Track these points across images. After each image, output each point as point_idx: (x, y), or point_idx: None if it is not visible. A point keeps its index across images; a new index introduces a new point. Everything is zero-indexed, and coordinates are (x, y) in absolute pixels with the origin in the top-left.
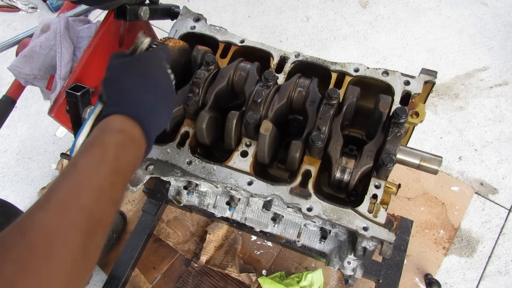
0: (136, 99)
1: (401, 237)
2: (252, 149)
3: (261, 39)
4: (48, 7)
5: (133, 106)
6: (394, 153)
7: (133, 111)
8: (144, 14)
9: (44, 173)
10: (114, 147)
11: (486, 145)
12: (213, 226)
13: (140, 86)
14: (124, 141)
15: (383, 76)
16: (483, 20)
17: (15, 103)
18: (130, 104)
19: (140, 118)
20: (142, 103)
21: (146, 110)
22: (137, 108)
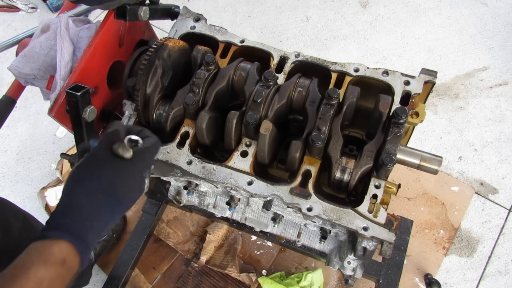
0: (89, 226)
1: (401, 237)
2: (252, 149)
3: (261, 39)
4: (48, 7)
5: (83, 234)
6: (394, 153)
7: (81, 241)
8: (144, 14)
9: (44, 173)
10: (49, 283)
11: (486, 145)
12: (213, 226)
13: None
14: (62, 275)
15: (383, 76)
16: (483, 20)
17: (15, 103)
18: (79, 232)
19: (87, 248)
20: (94, 230)
21: (95, 236)
22: (86, 236)
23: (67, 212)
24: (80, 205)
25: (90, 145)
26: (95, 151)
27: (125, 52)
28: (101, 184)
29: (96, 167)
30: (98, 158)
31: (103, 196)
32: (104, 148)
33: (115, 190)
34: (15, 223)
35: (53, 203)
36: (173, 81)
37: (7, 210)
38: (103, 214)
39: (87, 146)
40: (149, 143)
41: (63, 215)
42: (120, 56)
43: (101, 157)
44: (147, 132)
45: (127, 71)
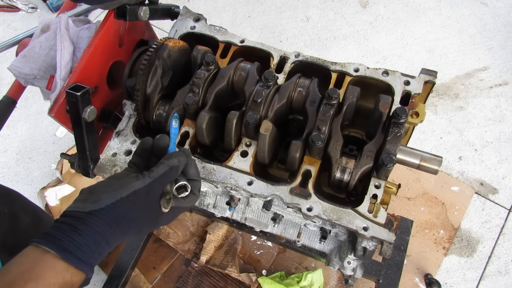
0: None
1: (401, 237)
2: (252, 149)
3: (261, 39)
4: (48, 7)
5: (94, 263)
6: (394, 153)
7: (90, 268)
8: (144, 14)
9: (44, 173)
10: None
11: (486, 145)
12: (213, 226)
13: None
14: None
15: (383, 76)
16: (483, 20)
17: (16, 103)
18: (93, 262)
19: (91, 272)
20: (101, 256)
21: (99, 259)
22: (95, 263)
23: (97, 245)
24: (103, 240)
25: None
26: (154, 185)
27: (125, 52)
28: (136, 228)
29: (146, 206)
30: (151, 196)
31: (127, 234)
32: (161, 185)
33: (138, 234)
34: (25, 217)
35: (53, 203)
36: (173, 81)
37: (16, 204)
38: (116, 243)
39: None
40: (187, 204)
41: (93, 247)
42: (120, 56)
43: (153, 197)
44: (198, 186)
45: (127, 71)
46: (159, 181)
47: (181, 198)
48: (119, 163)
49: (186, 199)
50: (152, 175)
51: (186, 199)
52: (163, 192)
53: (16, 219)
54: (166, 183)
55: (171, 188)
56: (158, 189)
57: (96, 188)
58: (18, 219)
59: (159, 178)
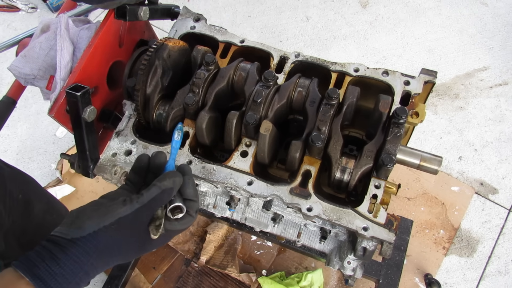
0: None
1: (401, 237)
2: (252, 149)
3: (261, 39)
4: (48, 7)
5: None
6: (394, 153)
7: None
8: (144, 14)
9: (44, 173)
10: None
11: (486, 145)
12: (213, 226)
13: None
14: None
15: (383, 76)
16: (483, 20)
17: (16, 103)
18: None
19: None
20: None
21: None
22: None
23: (74, 275)
24: (81, 270)
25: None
26: (142, 212)
27: (125, 52)
28: (120, 257)
29: (131, 236)
30: (138, 223)
31: (110, 263)
32: (150, 210)
33: (125, 259)
34: (38, 204)
35: None
36: (173, 81)
37: (30, 192)
38: (96, 273)
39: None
40: (181, 226)
41: (70, 278)
42: (120, 56)
43: (141, 224)
44: (194, 207)
45: (127, 71)
46: (148, 207)
47: (175, 220)
48: (119, 163)
49: (180, 221)
50: (141, 200)
51: (180, 221)
52: (153, 217)
53: (29, 205)
54: (156, 208)
55: (162, 212)
56: (146, 215)
57: (83, 212)
58: (31, 205)
59: (148, 204)
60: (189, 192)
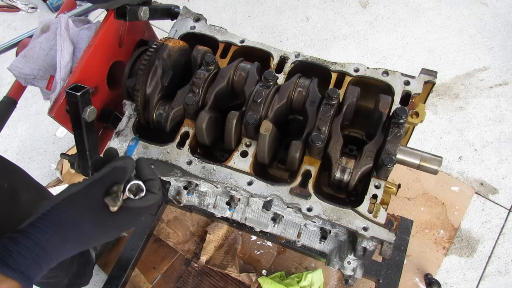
0: (45, 268)
1: (401, 237)
2: (252, 149)
3: (261, 39)
4: (48, 7)
5: (36, 276)
6: (394, 153)
7: (30, 283)
8: (144, 14)
9: (44, 173)
10: None
11: (486, 145)
12: (213, 226)
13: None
14: None
15: (383, 76)
16: (483, 20)
17: (16, 103)
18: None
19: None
20: (45, 270)
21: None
22: (36, 277)
23: (30, 251)
24: (37, 246)
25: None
26: (93, 188)
27: (125, 52)
28: (80, 234)
29: (85, 210)
30: (91, 199)
31: (76, 246)
32: (102, 187)
33: (87, 242)
34: (26, 194)
35: None
36: (173, 81)
37: (17, 181)
38: (61, 256)
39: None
40: (144, 203)
41: (26, 254)
42: (120, 56)
43: (94, 199)
44: (155, 185)
45: (127, 71)
46: (99, 181)
47: (138, 199)
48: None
49: (143, 199)
50: (91, 178)
51: (143, 199)
52: (108, 191)
53: (15, 195)
54: (109, 183)
55: (118, 187)
56: (98, 190)
57: (43, 202)
58: (18, 195)
59: (99, 179)
60: (146, 172)
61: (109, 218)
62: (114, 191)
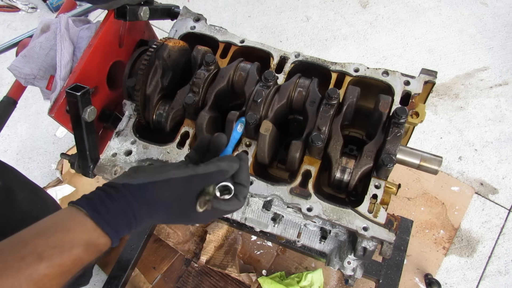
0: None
1: (401, 237)
2: (252, 149)
3: (261, 39)
4: (48, 7)
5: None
6: (394, 153)
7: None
8: (144, 14)
9: (44, 173)
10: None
11: (486, 145)
12: (213, 226)
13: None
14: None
15: (383, 76)
16: (483, 20)
17: (16, 103)
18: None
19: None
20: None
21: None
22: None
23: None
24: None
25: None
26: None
27: (125, 52)
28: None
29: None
30: (189, 190)
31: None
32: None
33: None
34: (21, 193)
35: None
36: (173, 81)
37: (12, 180)
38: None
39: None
40: (227, 207)
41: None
42: (120, 56)
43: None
44: (244, 192)
45: (127, 71)
46: (201, 178)
47: (222, 200)
48: (119, 163)
49: (227, 202)
50: (196, 170)
51: (227, 202)
52: (202, 191)
53: (10, 194)
54: (208, 182)
55: (213, 190)
56: (197, 185)
57: (140, 168)
58: (13, 193)
59: (202, 175)
60: (242, 177)
61: (193, 214)
62: (208, 193)
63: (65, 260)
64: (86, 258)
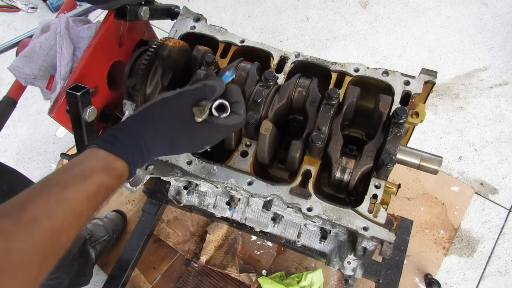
0: (145, 158)
1: (401, 237)
2: (252, 149)
3: (261, 39)
4: (48, 7)
5: (138, 162)
6: (394, 153)
7: (133, 166)
8: (144, 14)
9: (44, 173)
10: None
11: (486, 145)
12: (213, 226)
13: (157, 151)
14: (115, 186)
15: (383, 76)
16: (483, 20)
17: (16, 103)
18: (137, 160)
19: (134, 171)
20: (143, 163)
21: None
22: (137, 164)
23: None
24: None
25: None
26: (184, 96)
27: (125, 52)
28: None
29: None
30: (182, 104)
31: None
32: (192, 97)
33: (174, 143)
34: None
35: None
36: (173, 81)
37: (15, 183)
38: (151, 153)
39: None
40: (226, 121)
41: (130, 140)
42: (120, 56)
43: (184, 105)
44: (241, 107)
45: (127, 71)
46: (190, 92)
47: (222, 118)
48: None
49: (227, 118)
50: (184, 88)
51: (227, 118)
52: (198, 104)
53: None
54: (198, 96)
55: (206, 103)
56: (188, 99)
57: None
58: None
59: (190, 90)
60: (233, 94)
61: (194, 126)
62: (202, 104)
63: (88, 185)
64: (108, 181)
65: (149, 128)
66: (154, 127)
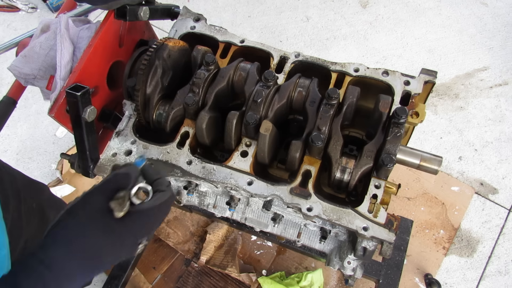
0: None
1: (401, 237)
2: (252, 149)
3: (261, 39)
4: (48, 7)
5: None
6: (394, 153)
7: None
8: (144, 14)
9: (44, 173)
10: None
11: (486, 145)
12: (213, 226)
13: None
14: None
15: (383, 76)
16: (483, 20)
17: (16, 103)
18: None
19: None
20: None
21: None
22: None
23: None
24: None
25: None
26: (93, 196)
27: (125, 52)
28: (85, 246)
29: (86, 220)
30: (91, 207)
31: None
32: (103, 194)
33: (97, 256)
34: (51, 212)
35: None
36: (173, 81)
37: (43, 201)
38: (78, 277)
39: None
40: (153, 203)
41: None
42: (120, 56)
43: (94, 207)
44: (163, 183)
45: (127, 71)
46: (99, 189)
47: (147, 202)
48: (119, 163)
49: (153, 198)
50: (90, 189)
51: (153, 198)
52: (114, 197)
53: (44, 215)
54: (110, 190)
55: (124, 194)
56: (98, 197)
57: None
58: (46, 215)
59: (98, 187)
60: (150, 174)
61: (118, 224)
62: (120, 197)
63: None
64: None
65: (57, 249)
66: (62, 250)
